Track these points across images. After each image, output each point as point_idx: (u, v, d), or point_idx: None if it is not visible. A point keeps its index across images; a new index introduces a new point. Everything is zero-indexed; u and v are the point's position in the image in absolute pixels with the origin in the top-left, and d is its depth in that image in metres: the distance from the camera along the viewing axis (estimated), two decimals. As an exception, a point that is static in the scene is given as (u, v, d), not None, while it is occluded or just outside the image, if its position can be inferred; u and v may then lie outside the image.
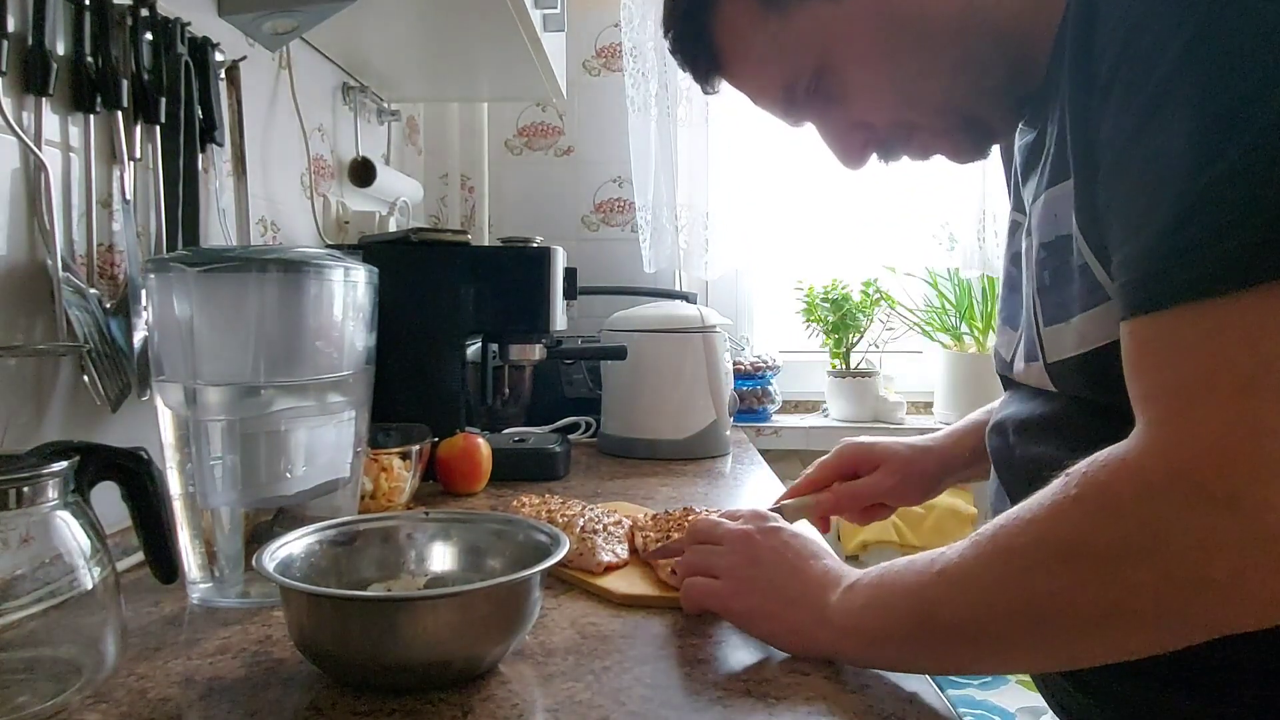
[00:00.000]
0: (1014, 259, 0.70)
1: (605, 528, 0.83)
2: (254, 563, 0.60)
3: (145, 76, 0.89)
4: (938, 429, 0.94)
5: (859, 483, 0.87)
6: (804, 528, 0.79)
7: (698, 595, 0.67)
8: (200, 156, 0.98)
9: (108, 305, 0.85)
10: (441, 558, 0.70)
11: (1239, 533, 0.42)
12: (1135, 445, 0.47)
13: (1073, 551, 0.47)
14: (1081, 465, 0.48)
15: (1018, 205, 0.69)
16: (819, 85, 0.65)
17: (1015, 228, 0.69)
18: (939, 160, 0.69)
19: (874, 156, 0.69)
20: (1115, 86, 0.50)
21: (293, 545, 0.64)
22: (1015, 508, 0.51)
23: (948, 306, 2.03)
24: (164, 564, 0.65)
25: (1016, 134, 0.68)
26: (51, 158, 0.80)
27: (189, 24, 0.96)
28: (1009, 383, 0.72)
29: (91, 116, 0.84)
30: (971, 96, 0.63)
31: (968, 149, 0.67)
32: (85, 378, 0.81)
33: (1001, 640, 0.51)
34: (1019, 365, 0.68)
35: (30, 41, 0.77)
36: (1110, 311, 0.54)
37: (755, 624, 0.64)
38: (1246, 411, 0.42)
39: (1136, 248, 0.48)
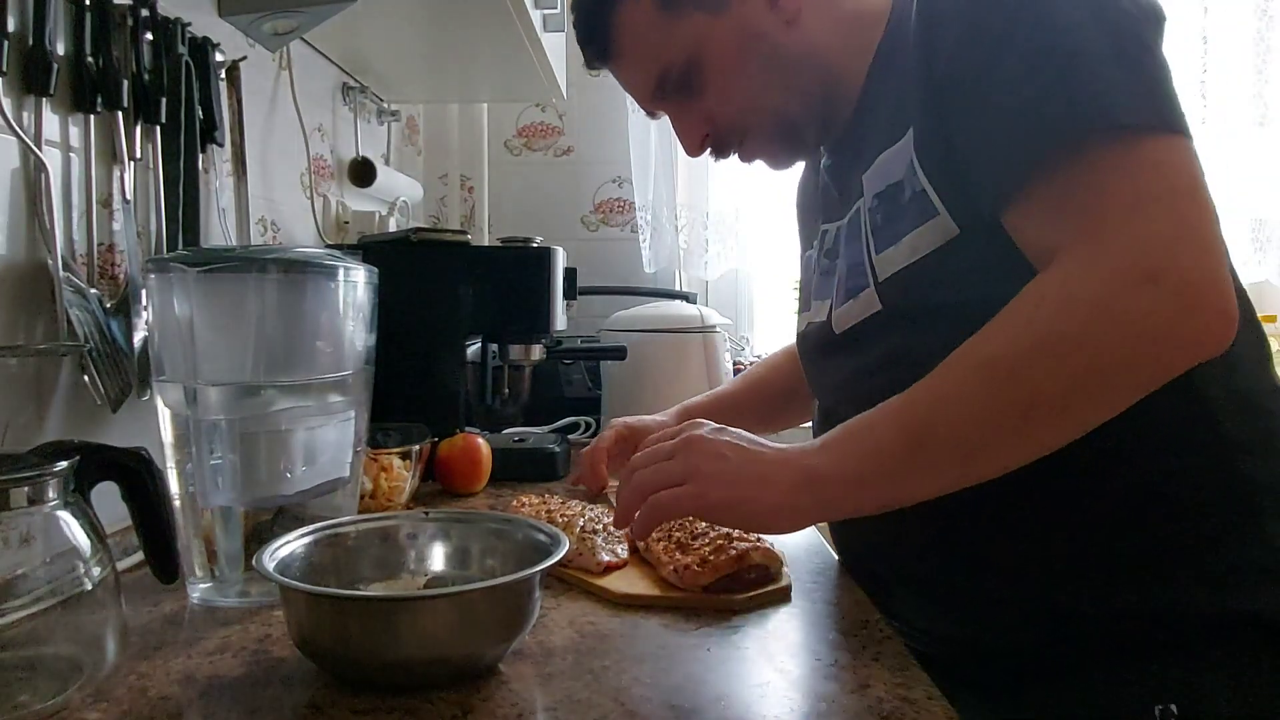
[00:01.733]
0: (827, 253, 0.85)
1: (605, 528, 0.83)
2: (254, 562, 0.60)
3: (146, 77, 0.89)
4: None
5: None
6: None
7: (666, 504, 0.64)
8: (200, 156, 0.99)
9: (108, 305, 0.85)
10: (441, 558, 0.71)
11: (1167, 297, 0.55)
12: (1074, 260, 0.58)
13: (1048, 342, 0.57)
14: (1016, 298, 0.59)
15: (830, 216, 0.86)
16: (684, 79, 0.80)
17: (824, 234, 0.86)
18: (760, 166, 0.87)
19: (709, 151, 0.86)
20: (960, 49, 0.65)
21: (293, 545, 0.64)
22: (966, 342, 0.60)
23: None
24: (164, 564, 0.65)
25: (822, 166, 0.87)
26: (52, 158, 0.81)
27: (189, 24, 0.96)
28: (827, 349, 0.82)
29: (92, 116, 0.84)
30: (796, 111, 0.80)
31: (783, 157, 0.86)
32: (86, 378, 0.81)
33: (996, 441, 0.59)
34: (839, 311, 0.79)
35: (31, 41, 0.77)
36: (936, 225, 0.67)
37: (737, 511, 0.63)
38: (1164, 215, 0.57)
39: (1006, 128, 0.61)
